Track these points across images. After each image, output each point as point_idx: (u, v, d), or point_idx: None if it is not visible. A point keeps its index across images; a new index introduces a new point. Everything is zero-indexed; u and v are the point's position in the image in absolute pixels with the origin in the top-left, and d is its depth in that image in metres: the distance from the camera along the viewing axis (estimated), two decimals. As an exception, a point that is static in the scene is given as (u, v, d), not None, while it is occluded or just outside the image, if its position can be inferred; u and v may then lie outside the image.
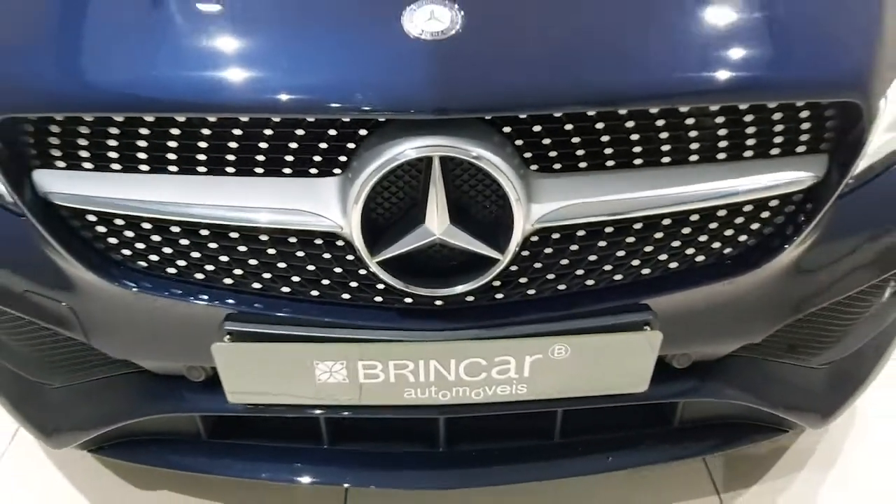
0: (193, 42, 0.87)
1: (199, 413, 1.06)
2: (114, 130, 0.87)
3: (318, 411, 1.02)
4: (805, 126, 0.91)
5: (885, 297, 1.16)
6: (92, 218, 0.92)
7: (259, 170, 0.87)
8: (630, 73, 0.85)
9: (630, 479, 1.29)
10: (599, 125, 0.86)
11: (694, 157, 0.89)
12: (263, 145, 0.86)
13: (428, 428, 1.10)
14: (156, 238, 0.92)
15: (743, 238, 0.95)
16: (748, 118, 0.88)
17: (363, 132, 0.85)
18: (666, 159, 0.89)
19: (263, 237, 0.90)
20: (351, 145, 0.86)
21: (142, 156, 0.88)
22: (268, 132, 0.85)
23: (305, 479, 1.10)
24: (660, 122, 0.87)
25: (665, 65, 0.86)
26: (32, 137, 0.89)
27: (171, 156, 0.87)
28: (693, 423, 1.15)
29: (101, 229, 0.92)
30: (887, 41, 0.94)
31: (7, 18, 0.93)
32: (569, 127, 0.86)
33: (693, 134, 0.88)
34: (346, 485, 1.18)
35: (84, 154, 0.89)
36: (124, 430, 1.11)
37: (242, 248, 0.91)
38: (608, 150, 0.88)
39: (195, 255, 0.92)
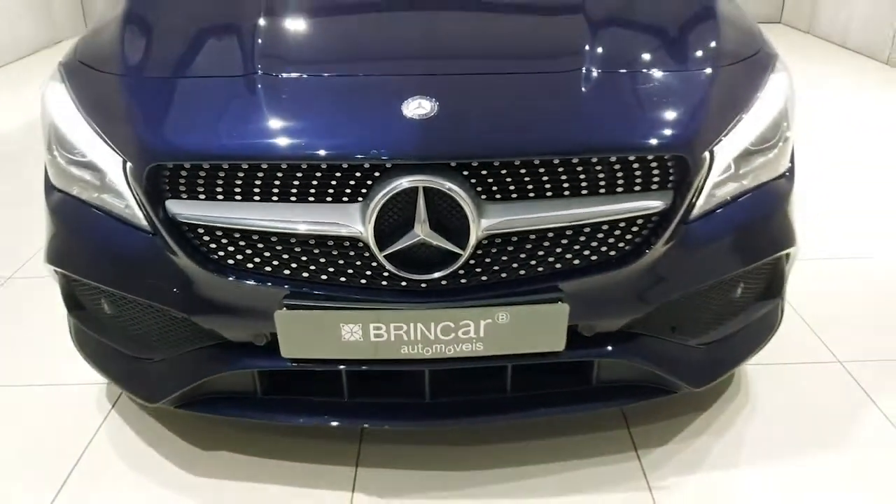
0: (270, 118, 1.42)
1: (260, 368, 1.52)
2: (220, 173, 1.39)
3: (341, 366, 1.49)
4: (656, 171, 1.43)
5: (738, 294, 1.65)
6: (201, 230, 1.43)
7: (311, 198, 1.39)
8: (538, 137, 1.38)
9: (562, 441, 1.73)
10: (522, 170, 1.38)
11: (584, 191, 1.41)
12: (314, 182, 1.38)
13: (417, 385, 1.57)
14: (242, 243, 1.42)
15: (620, 244, 1.45)
16: (618, 166, 1.41)
17: (377, 174, 1.37)
18: (566, 192, 1.41)
19: (311, 241, 1.41)
20: (368, 182, 1.37)
21: (237, 189, 1.40)
22: (318, 174, 1.37)
23: (331, 423, 1.56)
24: (561, 168, 1.39)
25: (563, 132, 1.40)
26: (168, 179, 1.41)
27: (256, 189, 1.39)
28: (606, 383, 1.60)
29: (207, 238, 1.43)
30: (708, 115, 1.48)
31: (153, 105, 1.47)
32: (503, 171, 1.38)
33: (582, 176, 1.40)
34: (361, 426, 1.64)
35: (200, 189, 1.41)
36: (202, 389, 1.58)
37: (297, 250, 1.41)
38: (529, 186, 1.39)
39: (267, 254, 1.42)
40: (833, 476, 1.65)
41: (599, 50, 1.57)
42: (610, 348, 1.54)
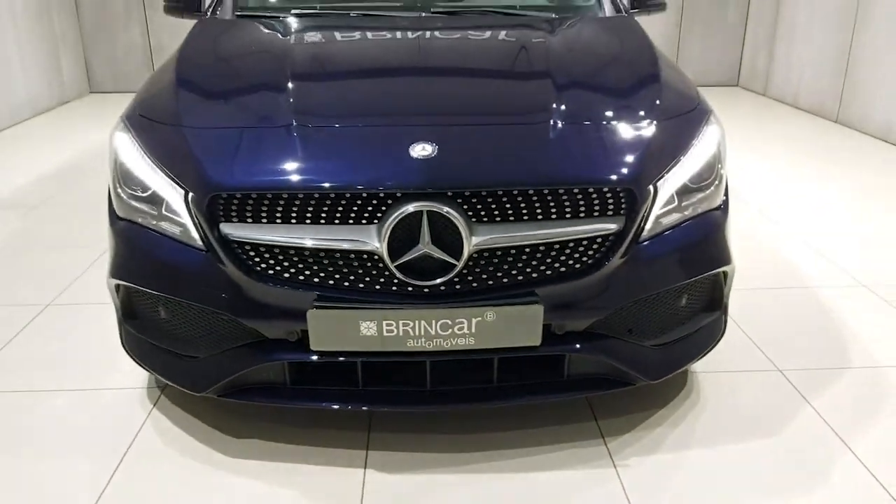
0: (304, 159, 1.79)
1: (291, 360, 1.84)
2: (265, 202, 1.75)
3: (360, 358, 1.82)
4: (610, 200, 1.80)
5: (683, 304, 2.01)
6: (248, 247, 1.77)
7: (337, 221, 1.74)
8: (516, 173, 1.76)
9: (541, 430, 2.05)
10: (504, 198, 1.75)
11: (554, 216, 1.77)
12: (339, 208, 1.74)
13: (419, 376, 1.89)
14: (280, 257, 1.77)
15: (584, 258, 1.81)
16: (580, 197, 1.78)
17: (389, 201, 1.73)
18: (540, 216, 1.77)
19: (337, 255, 1.76)
20: (383, 208, 1.73)
21: (277, 214, 1.75)
22: (342, 202, 1.73)
23: (348, 407, 1.87)
24: (535, 197, 1.76)
25: (535, 169, 1.78)
26: (223, 206, 1.77)
27: (293, 214, 1.75)
28: (576, 376, 1.94)
29: (252, 253, 1.77)
30: (652, 157, 1.86)
31: (210, 149, 1.84)
32: (489, 199, 1.75)
33: (552, 203, 1.77)
34: (372, 410, 1.94)
35: (248, 214, 1.76)
36: (240, 381, 1.89)
37: (325, 262, 1.76)
38: (510, 211, 1.76)
39: (301, 265, 1.77)
40: (768, 460, 1.97)
41: (563, 107, 1.97)
42: (578, 346, 1.88)
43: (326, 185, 1.73)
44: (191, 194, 1.79)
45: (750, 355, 2.47)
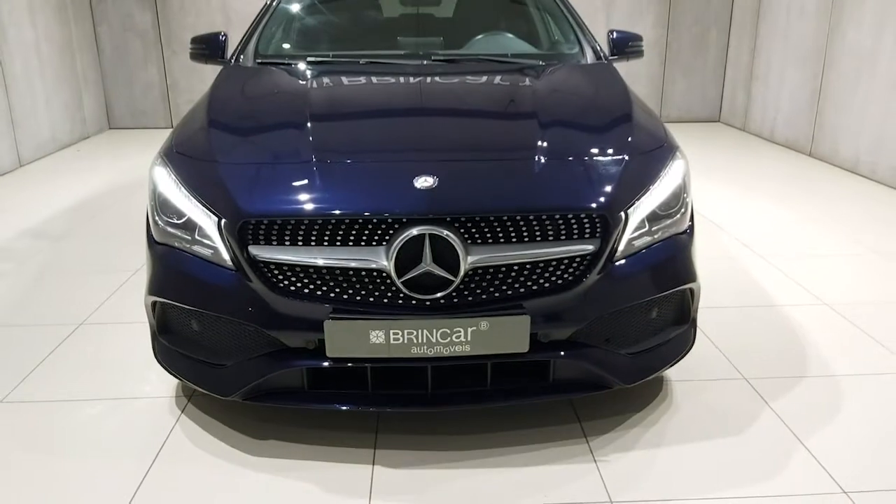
0: (323, 190, 2.07)
1: (309, 366, 2.09)
2: (288, 227, 2.02)
3: (368, 364, 2.08)
4: (587, 225, 2.08)
5: (654, 316, 2.28)
6: (273, 266, 2.04)
7: (350, 243, 2.02)
8: (505, 202, 2.04)
9: (530, 431, 2.30)
10: (495, 223, 2.03)
11: (538, 238, 2.05)
12: (353, 232, 2.01)
13: (422, 380, 2.14)
14: (301, 274, 2.04)
15: (565, 275, 2.08)
16: (560, 222, 2.06)
17: (396, 226, 2.00)
18: (526, 238, 2.04)
19: (350, 272, 2.02)
20: (390, 231, 2.01)
21: (299, 237, 2.02)
22: (355, 226, 2.01)
23: (359, 408, 2.12)
24: (521, 222, 2.04)
25: (522, 198, 2.06)
26: (251, 231, 2.04)
27: (312, 237, 2.02)
28: (560, 380, 2.19)
29: (276, 271, 2.04)
30: (623, 188, 2.14)
31: (241, 181, 2.12)
32: (483, 224, 2.02)
33: (536, 227, 2.04)
34: (380, 410, 2.20)
35: (273, 237, 2.03)
36: (263, 386, 2.14)
37: (340, 278, 2.03)
38: (500, 234, 2.03)
39: (318, 281, 2.04)
40: (732, 456, 2.22)
41: (546, 144, 2.27)
42: (562, 353, 2.14)
43: (342, 212, 2.01)
44: (223, 220, 2.06)
45: (719, 366, 2.73)
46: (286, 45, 3.39)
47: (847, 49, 5.78)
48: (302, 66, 3.05)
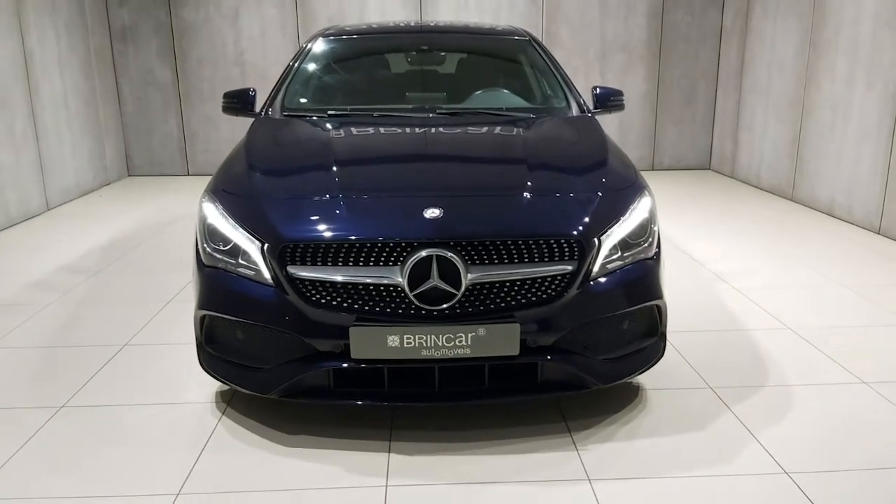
0: (349, 220, 2.51)
1: (335, 367, 2.49)
2: (321, 250, 2.45)
3: (383, 365, 2.48)
4: (566, 249, 2.50)
5: (626, 327, 2.68)
6: (307, 282, 2.46)
7: (371, 263, 2.44)
8: (498, 229, 2.47)
9: (522, 428, 2.68)
10: (490, 247, 2.45)
11: (526, 259, 2.47)
12: (374, 254, 2.44)
13: (430, 380, 2.53)
14: (331, 289, 2.46)
15: (549, 290, 2.49)
16: (544, 246, 2.48)
17: (409, 249, 2.43)
18: (516, 259, 2.47)
19: (371, 287, 2.44)
20: (404, 254, 2.43)
21: (329, 259, 2.45)
22: (375, 250, 2.43)
23: (377, 402, 2.51)
24: (512, 246, 2.46)
25: (512, 226, 2.49)
26: (290, 253, 2.47)
27: (340, 259, 2.45)
28: (547, 381, 2.58)
29: (310, 286, 2.46)
30: (597, 219, 2.57)
31: (280, 213, 2.56)
32: (480, 247, 2.45)
33: (524, 250, 2.47)
34: (394, 405, 2.60)
35: (308, 258, 2.46)
36: (297, 385, 2.53)
37: (363, 292, 2.45)
38: (494, 256, 2.46)
39: (345, 295, 2.45)
40: (695, 448, 2.60)
41: (533, 183, 2.72)
42: (548, 357, 2.54)
43: (364, 237, 2.44)
44: (266, 245, 2.49)
45: (689, 377, 3.11)
46: (308, 100, 3.87)
47: (822, 101, 6.29)
48: (324, 118, 3.53)
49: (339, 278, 2.44)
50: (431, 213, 2.49)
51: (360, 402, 2.53)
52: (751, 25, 7.49)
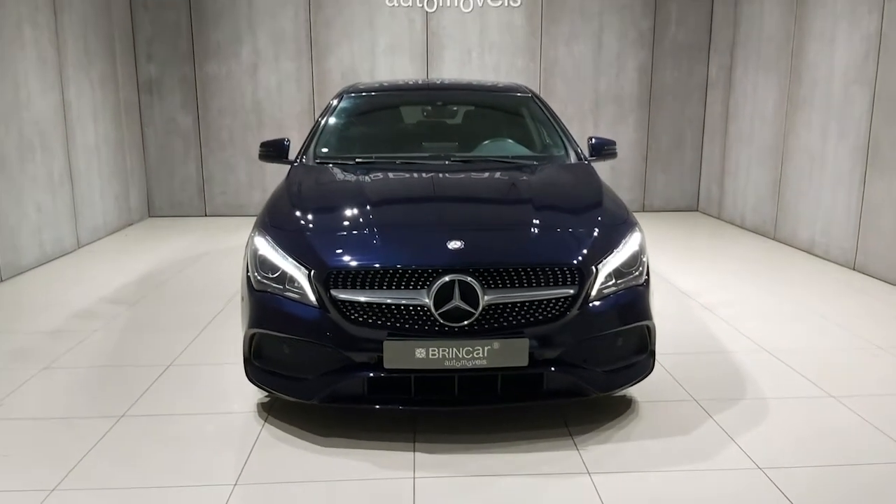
0: (384, 249, 2.96)
1: (371, 375, 2.89)
2: (360, 275, 2.88)
3: (410, 374, 2.88)
4: (568, 275, 2.94)
5: (619, 344, 3.10)
6: (348, 304, 2.88)
7: (402, 286, 2.87)
8: (510, 258, 2.92)
9: (529, 432, 3.07)
10: (504, 273, 2.89)
11: (533, 283, 2.91)
12: (405, 279, 2.87)
13: (450, 388, 2.93)
14: (367, 309, 2.88)
15: (553, 311, 2.92)
16: (549, 273, 2.92)
17: (435, 275, 2.86)
18: (525, 283, 2.90)
19: (402, 307, 2.86)
20: (431, 279, 2.86)
21: (367, 282, 2.88)
22: (406, 275, 2.87)
23: (405, 407, 2.91)
24: (522, 273, 2.90)
25: (522, 256, 2.94)
26: (333, 279, 2.90)
27: (377, 282, 2.88)
28: (551, 389, 2.98)
29: (350, 307, 2.88)
30: (594, 250, 3.02)
31: (325, 244, 3.01)
32: (495, 273, 2.89)
33: (532, 276, 2.90)
34: (420, 410, 3.01)
35: (349, 282, 2.89)
36: (336, 392, 2.93)
37: (395, 311, 2.87)
38: (507, 281, 2.89)
39: (379, 314, 2.88)
40: (679, 448, 2.99)
41: (538, 221, 3.17)
42: (552, 368, 2.95)
43: (397, 265, 2.88)
44: (313, 272, 2.93)
45: (676, 391, 3.52)
46: (337, 149, 4.34)
47: (801, 149, 6.81)
48: (352, 164, 4.00)
49: (374, 300, 2.87)
50: (454, 244, 2.94)
51: (388, 407, 2.93)
52: (734, 79, 8.08)
